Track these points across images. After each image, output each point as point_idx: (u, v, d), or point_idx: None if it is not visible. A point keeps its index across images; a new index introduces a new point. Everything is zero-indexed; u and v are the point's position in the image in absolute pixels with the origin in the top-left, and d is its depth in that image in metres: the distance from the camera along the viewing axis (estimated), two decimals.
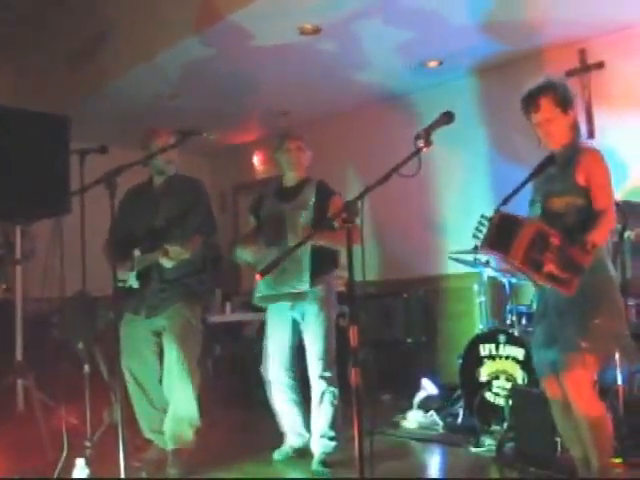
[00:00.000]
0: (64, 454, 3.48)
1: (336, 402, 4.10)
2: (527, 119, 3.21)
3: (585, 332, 2.92)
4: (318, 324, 4.12)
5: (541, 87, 3.16)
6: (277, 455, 4.30)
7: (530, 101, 3.15)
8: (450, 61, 5.99)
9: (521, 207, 3.27)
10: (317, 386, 4.09)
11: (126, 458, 3.19)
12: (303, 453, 4.29)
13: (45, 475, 3.46)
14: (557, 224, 3.00)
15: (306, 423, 4.28)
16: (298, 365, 4.29)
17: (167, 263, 3.97)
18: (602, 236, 2.95)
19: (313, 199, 4.19)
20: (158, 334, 4.17)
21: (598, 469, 2.97)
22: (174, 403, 4.07)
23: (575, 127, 3.17)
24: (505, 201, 3.17)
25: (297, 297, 4.13)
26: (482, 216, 3.05)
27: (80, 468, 3.32)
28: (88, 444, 3.73)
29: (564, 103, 3.12)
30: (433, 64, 6.06)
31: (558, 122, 3.11)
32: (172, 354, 4.04)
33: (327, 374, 4.07)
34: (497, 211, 3.06)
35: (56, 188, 3.94)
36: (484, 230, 3.02)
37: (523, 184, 3.24)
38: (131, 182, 4.28)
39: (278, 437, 4.36)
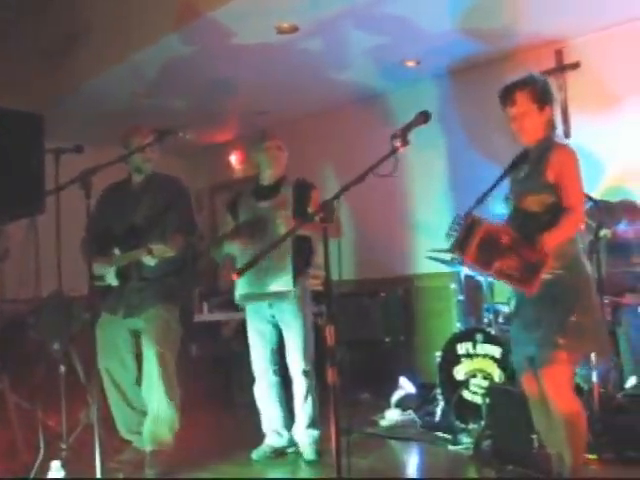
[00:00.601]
0: (40, 456, 3.44)
1: (316, 395, 4.24)
2: (504, 112, 3.22)
3: (562, 330, 2.94)
4: (299, 322, 4.21)
5: (519, 81, 3.16)
6: (255, 455, 4.31)
7: (506, 94, 3.16)
8: (428, 61, 6.00)
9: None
10: (301, 382, 4.19)
11: (103, 459, 3.17)
12: (281, 453, 4.32)
13: (21, 477, 3.42)
14: (530, 222, 3.02)
15: (286, 423, 4.32)
16: (281, 363, 4.36)
17: (150, 261, 3.97)
18: (561, 236, 2.93)
19: (291, 196, 4.24)
20: (135, 334, 4.16)
21: (571, 467, 2.99)
22: (153, 406, 4.05)
23: (550, 124, 3.17)
24: (479, 201, 3.19)
25: (278, 296, 4.19)
26: (456, 216, 3.07)
27: (56, 470, 3.29)
28: (64, 446, 3.71)
29: (541, 99, 3.12)
30: (411, 64, 6.06)
31: (532, 117, 3.12)
32: (151, 357, 4.03)
33: (309, 368, 4.19)
34: (468, 213, 3.07)
35: (31, 188, 3.88)
36: (456, 231, 3.04)
37: (496, 183, 3.25)
38: (107, 181, 4.26)
39: (256, 437, 4.35)
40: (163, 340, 4.07)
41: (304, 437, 4.23)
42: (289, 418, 4.35)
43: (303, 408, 4.22)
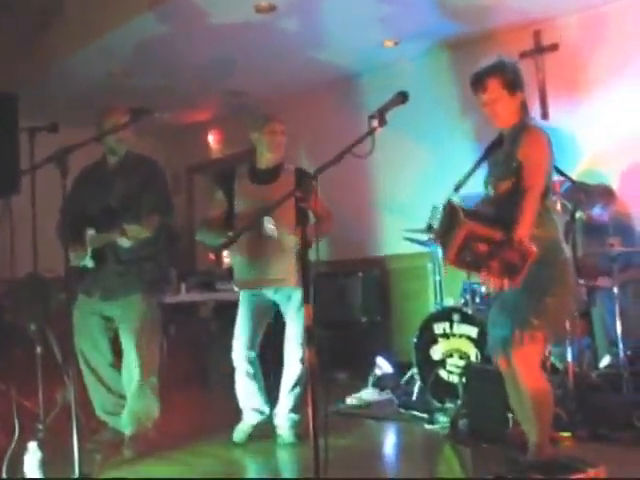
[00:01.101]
0: (16, 437, 3.43)
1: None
2: (476, 99, 3.22)
3: (538, 310, 2.97)
4: (299, 307, 4.11)
5: (489, 68, 3.14)
6: (236, 436, 4.22)
7: (477, 81, 3.15)
8: (406, 41, 5.99)
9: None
10: (296, 369, 4.15)
11: (80, 440, 3.17)
12: (262, 430, 4.26)
13: None
14: (508, 207, 3.04)
15: (266, 399, 4.28)
16: (262, 345, 4.30)
17: (125, 243, 3.91)
18: (528, 224, 2.90)
19: (295, 180, 4.14)
20: (110, 319, 4.15)
21: (536, 444, 3.03)
22: (134, 394, 4.07)
23: (523, 108, 3.17)
24: (457, 188, 3.20)
25: (279, 283, 4.14)
26: (434, 207, 3.07)
27: (32, 451, 3.28)
28: (40, 427, 3.69)
29: (511, 84, 3.11)
30: (389, 44, 6.05)
31: (504, 103, 3.11)
32: (130, 347, 4.05)
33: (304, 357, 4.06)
34: (448, 201, 3.07)
35: (5, 167, 3.84)
36: (436, 221, 3.06)
37: (473, 169, 3.26)
38: (83, 161, 4.20)
39: (234, 416, 4.36)
40: (142, 331, 4.07)
41: (284, 421, 4.19)
42: (267, 396, 4.30)
43: (290, 394, 4.18)
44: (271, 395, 4.29)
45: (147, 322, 4.12)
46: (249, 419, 4.27)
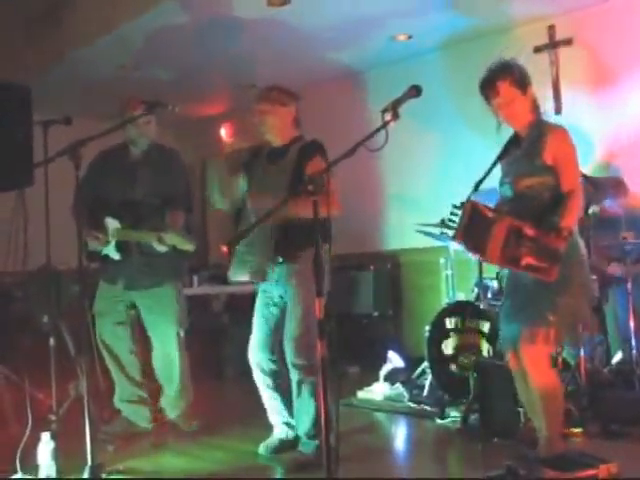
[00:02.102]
0: (29, 428, 3.45)
1: (314, 393, 3.59)
2: (487, 104, 3.20)
3: (554, 308, 2.96)
4: (295, 304, 3.67)
5: (496, 71, 3.13)
6: (262, 449, 3.85)
7: (488, 86, 3.13)
8: (419, 35, 5.97)
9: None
10: (291, 374, 3.69)
11: (92, 431, 3.19)
12: (291, 446, 3.82)
13: (11, 448, 3.43)
14: (528, 205, 3.03)
15: (292, 413, 3.82)
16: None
17: (162, 249, 3.94)
18: (573, 219, 2.97)
19: (295, 160, 3.77)
20: (134, 306, 4.24)
21: (546, 439, 3.03)
22: (177, 380, 4.26)
23: (536, 105, 3.16)
24: (477, 187, 3.19)
25: (260, 275, 3.74)
26: (453, 205, 3.04)
27: (45, 442, 3.30)
28: (53, 417, 3.71)
29: (522, 83, 3.11)
30: (402, 38, 6.03)
31: (519, 103, 3.10)
32: (169, 335, 4.21)
33: (300, 361, 3.61)
34: (469, 200, 3.03)
35: (19, 160, 3.85)
36: (456, 219, 2.99)
37: (491, 168, 3.25)
38: (96, 153, 4.23)
39: (246, 410, 4.36)
40: (177, 319, 4.22)
41: (299, 444, 3.76)
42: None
43: (299, 409, 3.72)
44: None
45: (181, 310, 4.25)
46: (277, 433, 3.89)
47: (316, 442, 3.59)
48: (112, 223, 4.12)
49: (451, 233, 3.04)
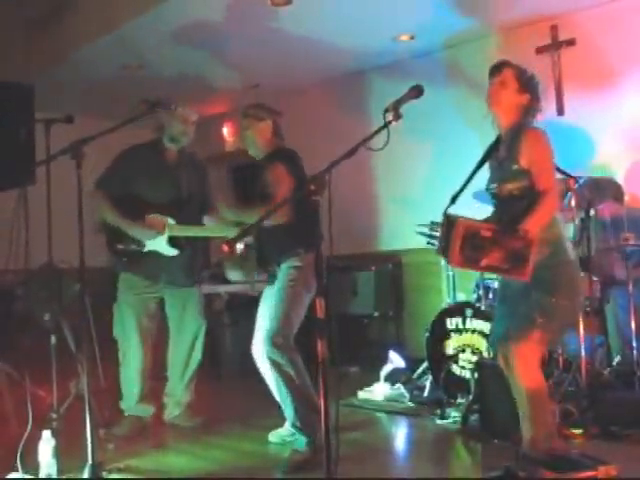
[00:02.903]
0: (30, 426, 3.46)
1: (288, 385, 3.71)
2: (489, 84, 3.22)
3: (541, 308, 2.97)
4: (273, 293, 3.81)
5: (510, 62, 3.20)
6: (272, 437, 4.01)
7: (496, 66, 3.19)
8: (422, 35, 5.97)
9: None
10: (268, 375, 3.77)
11: (93, 429, 3.20)
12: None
13: (11, 446, 3.44)
14: (511, 209, 3.04)
15: None
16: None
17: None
18: (539, 221, 2.92)
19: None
20: (162, 301, 4.43)
21: (531, 440, 3.01)
22: (184, 378, 4.44)
23: (525, 111, 3.14)
24: (453, 199, 3.19)
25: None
26: (432, 222, 3.09)
27: (46, 440, 3.31)
28: (54, 416, 3.72)
29: (524, 83, 3.14)
30: (405, 38, 6.03)
31: (509, 93, 3.12)
32: (198, 332, 4.45)
33: (266, 348, 3.68)
34: (444, 213, 3.06)
35: (21, 158, 3.87)
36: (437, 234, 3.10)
37: (469, 178, 3.26)
38: (98, 152, 4.22)
39: (246, 409, 4.37)
40: (202, 316, 4.51)
41: (291, 439, 3.86)
42: None
43: (285, 407, 3.80)
44: None
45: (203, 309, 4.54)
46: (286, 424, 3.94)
47: (305, 437, 3.65)
48: (165, 219, 4.25)
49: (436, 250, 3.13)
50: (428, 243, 3.13)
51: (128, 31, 5.55)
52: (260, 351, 3.75)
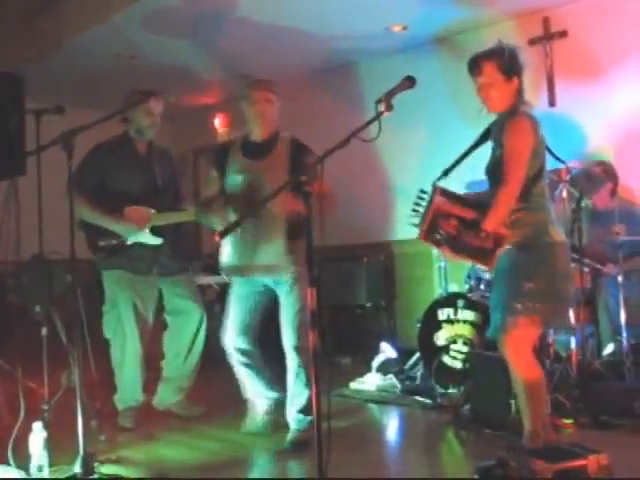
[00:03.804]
0: (21, 418, 3.45)
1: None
2: (473, 82, 3.21)
3: (519, 295, 2.97)
4: (295, 296, 3.82)
5: (487, 51, 3.13)
6: (247, 427, 4.05)
7: (473, 65, 3.13)
8: (414, 27, 5.96)
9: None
10: (293, 359, 3.82)
11: (84, 421, 3.19)
12: (276, 420, 4.01)
13: (2, 438, 3.43)
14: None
15: (269, 385, 4.03)
16: (260, 335, 4.04)
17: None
18: (498, 217, 2.93)
19: (287, 157, 3.82)
20: (159, 292, 4.43)
21: (529, 432, 3.03)
22: (185, 367, 4.49)
23: (518, 94, 3.11)
24: (446, 173, 3.23)
25: (269, 270, 3.82)
26: (420, 190, 3.11)
27: (37, 431, 3.30)
28: (46, 407, 3.71)
29: (508, 70, 3.08)
30: (397, 29, 6.02)
31: (499, 87, 3.08)
32: (201, 321, 4.48)
33: (303, 345, 3.71)
34: (434, 185, 3.11)
35: (11, 149, 3.85)
36: (422, 203, 3.13)
37: (463, 156, 3.29)
38: (89, 143, 4.22)
39: (239, 400, 4.36)
40: (201, 302, 4.55)
41: (292, 421, 3.86)
42: (273, 382, 4.06)
43: (296, 391, 3.83)
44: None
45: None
46: (256, 408, 4.08)
47: (309, 417, 3.69)
48: (148, 210, 4.23)
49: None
50: (413, 210, 3.15)
51: (120, 20, 5.51)
52: (239, 342, 3.98)
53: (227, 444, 3.93)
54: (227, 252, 3.90)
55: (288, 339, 3.84)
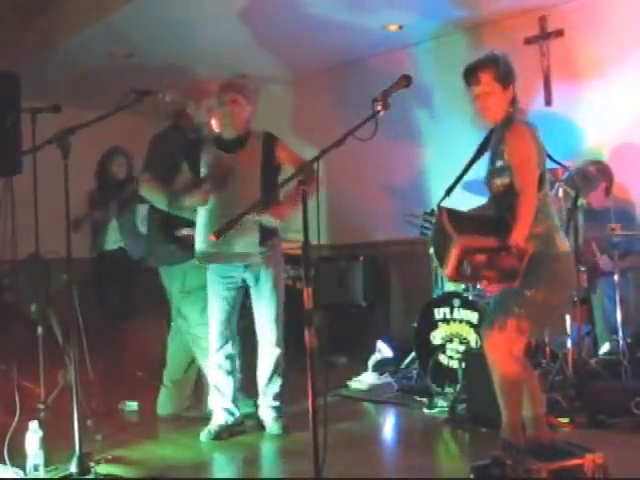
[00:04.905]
0: (17, 417, 3.45)
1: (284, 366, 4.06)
2: (468, 92, 3.19)
3: (520, 300, 2.97)
4: (272, 288, 3.96)
5: (482, 61, 3.09)
6: (203, 436, 3.94)
7: (470, 74, 3.10)
8: (410, 25, 5.95)
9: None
10: (272, 354, 3.96)
11: (80, 420, 3.19)
12: (231, 432, 4.00)
13: None
14: (505, 205, 3.03)
15: (235, 397, 4.04)
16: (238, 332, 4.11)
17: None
18: (524, 227, 2.91)
19: (260, 150, 3.97)
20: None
21: (506, 425, 3.04)
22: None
23: (512, 103, 3.10)
24: (449, 192, 3.20)
25: (246, 258, 3.89)
26: (425, 213, 3.09)
27: (33, 430, 3.29)
28: (42, 406, 3.71)
29: (504, 79, 3.06)
30: (393, 28, 6.02)
31: (496, 97, 3.05)
32: (205, 316, 4.17)
33: (281, 339, 3.98)
34: (439, 207, 3.06)
35: (6, 147, 3.84)
36: (429, 225, 3.09)
37: (464, 171, 3.25)
38: (85, 141, 4.20)
39: None
40: None
41: (268, 412, 4.02)
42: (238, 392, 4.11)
43: (271, 382, 3.99)
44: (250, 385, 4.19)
45: None
46: (219, 419, 4.00)
47: (281, 423, 3.95)
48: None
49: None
50: (422, 233, 3.13)
51: (116, 19, 5.51)
52: (226, 349, 4.01)
53: (224, 444, 3.93)
54: (201, 239, 3.93)
55: (268, 334, 3.96)
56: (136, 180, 3.94)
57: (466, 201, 3.33)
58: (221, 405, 4.00)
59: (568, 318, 4.23)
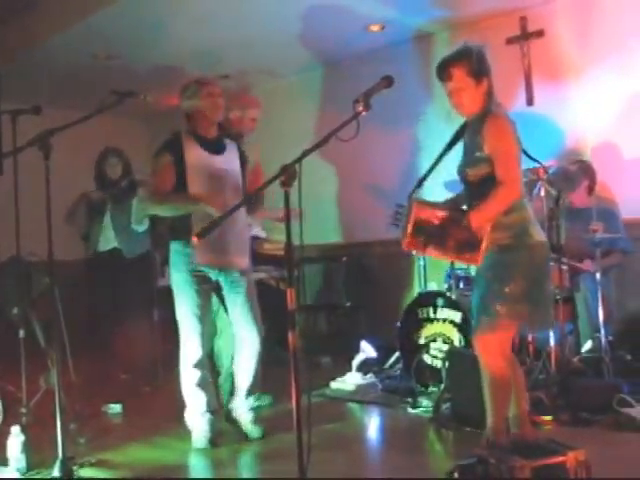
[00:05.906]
0: None
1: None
2: (442, 87, 3.19)
3: (499, 298, 2.98)
4: (249, 284, 3.98)
5: (454, 55, 3.10)
6: (199, 444, 3.85)
7: (442, 70, 3.10)
8: (392, 26, 5.96)
9: None
10: (254, 346, 3.89)
11: (63, 423, 3.17)
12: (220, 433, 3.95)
13: None
14: (474, 195, 3.05)
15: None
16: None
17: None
18: (489, 210, 2.93)
19: (237, 150, 4.11)
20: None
21: (490, 428, 3.07)
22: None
23: (488, 95, 3.09)
24: (420, 183, 3.22)
25: (240, 264, 3.92)
26: (397, 205, 3.13)
27: (15, 435, 3.27)
28: (24, 410, 3.69)
29: (477, 72, 3.05)
30: (374, 28, 6.03)
31: (469, 92, 3.06)
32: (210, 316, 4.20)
33: (261, 333, 3.94)
34: (409, 196, 3.10)
35: None
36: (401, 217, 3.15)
37: (434, 164, 3.26)
38: (66, 143, 4.18)
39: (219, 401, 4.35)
40: None
41: (241, 406, 3.96)
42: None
43: (248, 375, 3.94)
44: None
45: None
46: (204, 424, 3.89)
47: (261, 428, 3.92)
48: None
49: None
50: (392, 224, 3.18)
51: (98, 20, 5.47)
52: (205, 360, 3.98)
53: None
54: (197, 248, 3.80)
55: (252, 330, 3.92)
56: (130, 179, 3.90)
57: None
58: (202, 411, 3.90)
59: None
